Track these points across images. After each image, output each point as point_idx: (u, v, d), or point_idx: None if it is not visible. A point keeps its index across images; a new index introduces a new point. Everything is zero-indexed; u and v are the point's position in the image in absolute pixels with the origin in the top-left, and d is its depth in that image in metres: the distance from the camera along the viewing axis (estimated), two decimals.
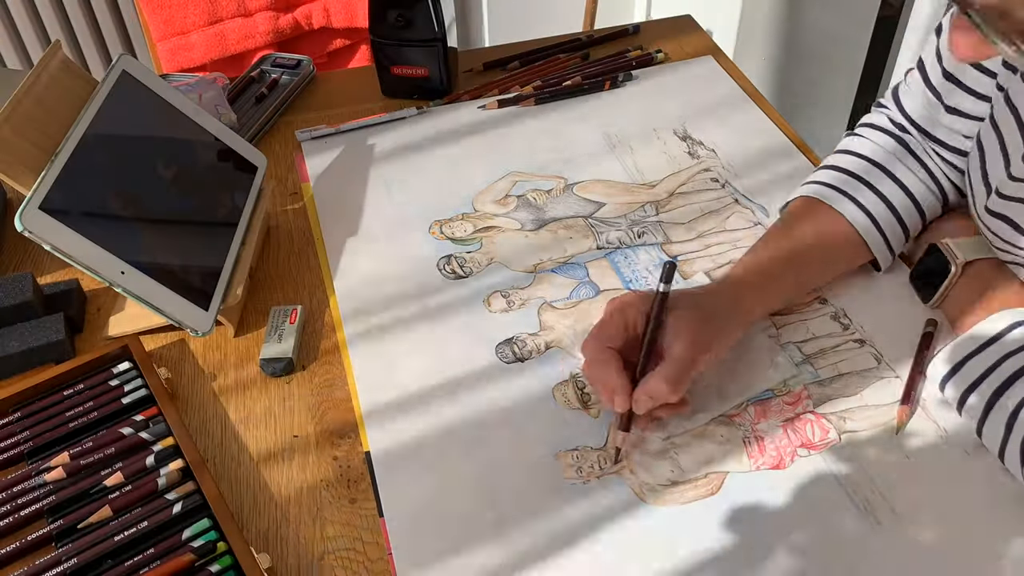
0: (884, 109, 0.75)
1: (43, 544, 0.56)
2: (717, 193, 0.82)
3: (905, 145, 0.72)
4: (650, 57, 1.01)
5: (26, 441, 0.61)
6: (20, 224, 0.57)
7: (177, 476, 0.59)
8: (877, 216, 0.69)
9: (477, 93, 0.97)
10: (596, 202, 0.82)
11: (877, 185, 0.70)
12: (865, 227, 0.69)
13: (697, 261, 0.75)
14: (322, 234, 0.80)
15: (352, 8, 1.40)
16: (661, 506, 0.57)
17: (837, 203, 0.70)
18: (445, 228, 0.80)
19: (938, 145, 0.71)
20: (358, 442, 0.62)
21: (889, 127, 0.74)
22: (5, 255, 0.79)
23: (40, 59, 0.65)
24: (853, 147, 0.73)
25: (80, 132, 0.63)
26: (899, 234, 0.70)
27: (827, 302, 0.71)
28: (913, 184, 0.70)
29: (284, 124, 0.94)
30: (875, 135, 0.73)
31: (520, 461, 0.60)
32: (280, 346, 0.68)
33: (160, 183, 0.69)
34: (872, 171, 0.71)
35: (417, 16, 0.90)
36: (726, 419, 0.62)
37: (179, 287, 0.65)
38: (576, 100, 0.96)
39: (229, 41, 1.38)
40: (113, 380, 0.65)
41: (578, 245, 0.77)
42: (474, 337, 0.69)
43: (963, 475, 0.58)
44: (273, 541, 0.57)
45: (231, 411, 0.65)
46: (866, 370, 0.65)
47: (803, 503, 0.57)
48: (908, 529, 0.55)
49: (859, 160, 0.72)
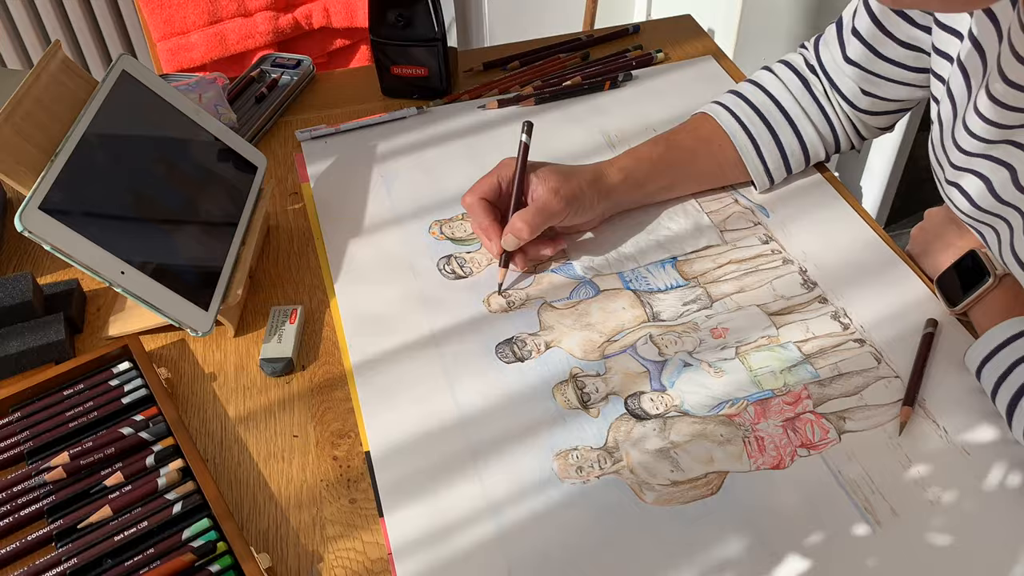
0: (803, 51, 0.82)
1: (43, 544, 0.56)
2: (717, 194, 0.82)
3: (808, 86, 0.80)
4: (650, 57, 1.01)
5: (26, 441, 0.61)
6: (20, 224, 0.57)
7: (177, 476, 0.59)
8: (755, 134, 0.79)
9: (477, 93, 0.97)
10: None
11: (764, 112, 0.79)
12: (738, 137, 0.79)
13: (697, 261, 0.75)
14: (322, 234, 0.80)
15: (352, 8, 1.40)
16: (661, 506, 0.57)
17: (721, 117, 0.79)
18: (445, 228, 0.80)
19: (838, 95, 0.78)
20: (358, 442, 0.62)
21: (801, 68, 0.81)
22: (5, 255, 0.79)
23: (40, 59, 0.65)
24: (761, 80, 0.82)
25: (80, 132, 0.63)
26: (775, 155, 0.79)
27: (827, 302, 0.71)
28: (799, 118, 0.79)
29: (284, 124, 0.94)
30: (785, 73, 0.81)
31: (520, 461, 0.60)
32: (280, 346, 0.68)
33: (160, 183, 0.69)
34: (767, 103, 0.80)
35: (417, 16, 0.90)
36: (726, 419, 0.62)
37: (179, 287, 0.65)
38: (576, 100, 0.96)
39: (229, 41, 1.38)
40: (113, 380, 0.65)
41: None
42: (474, 337, 0.69)
43: (963, 475, 0.58)
44: (273, 541, 0.57)
45: (231, 411, 0.65)
46: (866, 370, 0.65)
47: (803, 503, 0.57)
48: (908, 529, 0.55)
49: (759, 91, 0.81)
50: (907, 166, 1.60)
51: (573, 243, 0.77)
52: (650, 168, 0.77)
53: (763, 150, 0.79)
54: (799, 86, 0.80)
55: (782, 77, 0.81)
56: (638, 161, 0.77)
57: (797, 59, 0.81)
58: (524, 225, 0.70)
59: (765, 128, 0.79)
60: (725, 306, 0.71)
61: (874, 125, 0.80)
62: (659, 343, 0.68)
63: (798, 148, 0.80)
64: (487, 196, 0.73)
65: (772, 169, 0.80)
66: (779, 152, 0.79)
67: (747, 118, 0.79)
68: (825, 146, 0.81)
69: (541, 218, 0.71)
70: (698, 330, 0.69)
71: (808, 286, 0.72)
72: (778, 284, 0.72)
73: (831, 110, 0.80)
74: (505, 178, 0.73)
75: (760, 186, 0.80)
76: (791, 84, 0.80)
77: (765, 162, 0.79)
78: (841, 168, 1.80)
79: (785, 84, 0.80)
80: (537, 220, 0.70)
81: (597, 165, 0.76)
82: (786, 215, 0.79)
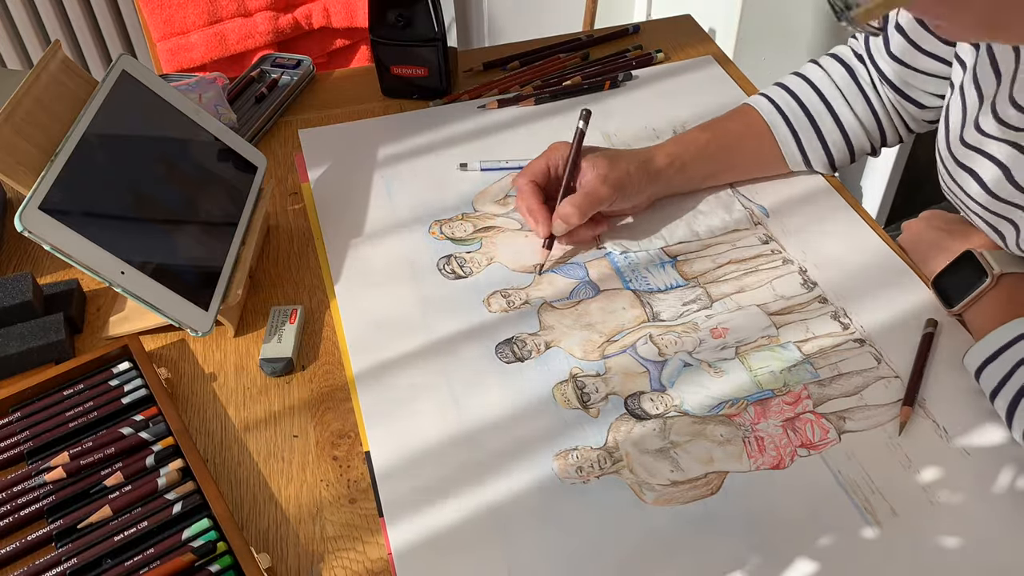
0: (853, 41, 0.82)
1: (43, 544, 0.56)
2: (717, 193, 0.82)
3: (854, 76, 0.80)
4: (650, 57, 1.01)
5: (26, 441, 0.61)
6: (20, 224, 0.57)
7: (177, 476, 0.59)
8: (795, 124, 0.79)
9: (477, 93, 0.97)
10: None
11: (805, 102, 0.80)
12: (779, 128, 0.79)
13: (697, 261, 0.75)
14: (322, 234, 0.80)
15: (352, 8, 1.40)
16: (661, 506, 0.57)
17: (762, 107, 0.80)
18: (445, 228, 0.80)
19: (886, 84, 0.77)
20: (358, 442, 0.62)
21: (848, 57, 0.80)
22: (5, 255, 0.79)
23: (40, 59, 0.65)
24: (806, 72, 0.82)
25: (80, 132, 0.63)
26: (816, 145, 0.79)
27: (827, 302, 0.71)
28: (841, 108, 0.79)
29: (284, 124, 0.94)
30: (831, 64, 0.81)
31: (520, 461, 0.60)
32: (280, 346, 0.68)
33: (160, 183, 0.69)
34: (809, 93, 0.80)
35: (417, 16, 0.90)
36: (726, 419, 0.62)
37: (179, 287, 0.65)
38: (576, 100, 0.95)
39: (229, 41, 1.37)
40: (113, 380, 0.65)
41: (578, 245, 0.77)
42: (474, 337, 0.69)
43: (963, 475, 0.58)
44: (273, 541, 0.57)
45: (231, 411, 0.65)
46: (866, 370, 0.65)
47: (803, 503, 0.57)
48: (908, 529, 0.55)
49: (802, 82, 0.81)
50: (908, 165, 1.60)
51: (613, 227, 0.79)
52: (696, 154, 0.78)
53: (803, 140, 0.79)
54: (844, 75, 0.80)
55: (827, 68, 0.81)
56: (684, 146, 0.78)
57: (845, 50, 0.81)
58: (574, 210, 0.72)
59: (806, 118, 0.79)
60: (725, 306, 0.71)
61: (922, 119, 0.78)
62: (659, 343, 0.68)
63: (840, 138, 0.80)
64: (537, 179, 0.76)
65: (813, 160, 0.80)
66: (819, 142, 0.79)
67: (788, 108, 0.79)
68: (870, 137, 0.80)
69: (589, 204, 0.72)
70: (698, 330, 0.69)
71: (808, 286, 0.72)
72: (778, 284, 0.72)
73: (877, 100, 0.79)
74: (554, 162, 0.76)
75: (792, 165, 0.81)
76: (835, 74, 0.80)
77: (805, 153, 0.80)
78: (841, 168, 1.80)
79: (830, 75, 0.80)
80: (586, 206, 0.72)
81: (646, 150, 0.78)
82: (786, 215, 0.79)
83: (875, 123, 0.80)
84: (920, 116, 0.78)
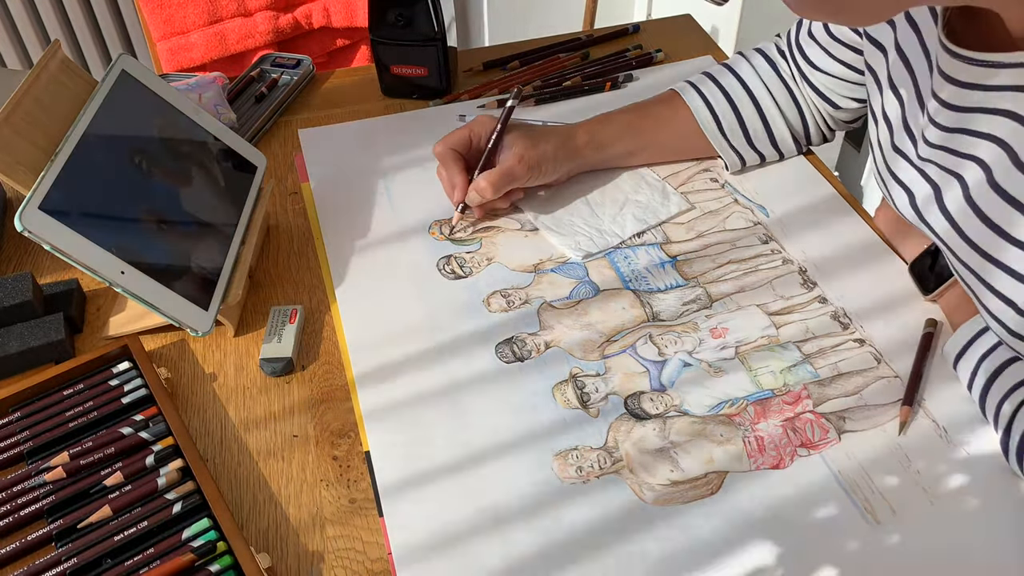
0: (777, 39, 0.85)
1: (43, 544, 0.56)
2: (716, 193, 0.82)
3: (777, 72, 0.83)
4: (650, 57, 1.01)
5: (26, 441, 0.61)
6: (20, 224, 0.57)
7: (177, 476, 0.59)
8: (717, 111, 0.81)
9: (477, 93, 0.97)
10: None
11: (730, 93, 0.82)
12: (702, 114, 0.81)
13: (697, 261, 0.75)
14: (322, 234, 0.80)
15: (352, 8, 1.40)
16: (661, 506, 0.57)
17: (687, 95, 0.82)
18: (445, 228, 0.80)
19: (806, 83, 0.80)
20: (358, 442, 0.62)
21: (772, 53, 0.83)
22: (5, 255, 0.79)
23: (40, 59, 0.65)
24: (732, 63, 0.84)
25: (80, 132, 0.63)
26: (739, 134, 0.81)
27: (827, 302, 0.71)
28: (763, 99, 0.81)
29: (284, 124, 0.94)
30: (755, 57, 0.84)
31: (520, 461, 0.60)
32: (280, 346, 0.68)
33: (160, 183, 0.69)
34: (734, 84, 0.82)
35: (417, 16, 0.90)
36: (726, 419, 0.62)
37: (179, 287, 0.65)
38: (576, 100, 0.95)
39: (229, 41, 1.38)
40: (113, 380, 0.65)
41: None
42: (474, 337, 0.69)
43: (963, 475, 0.58)
44: (273, 541, 0.57)
45: (231, 411, 0.65)
46: (866, 370, 0.65)
47: (803, 503, 0.57)
48: (908, 529, 0.55)
49: (727, 73, 0.83)
50: None
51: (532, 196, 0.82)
52: (616, 133, 0.81)
53: (726, 129, 0.81)
54: (768, 70, 0.83)
55: (752, 61, 0.84)
56: (605, 124, 0.81)
57: (770, 46, 0.84)
58: (488, 186, 0.75)
59: (729, 108, 0.81)
60: (725, 306, 0.71)
61: (840, 119, 0.82)
62: (659, 343, 0.68)
63: (762, 129, 0.82)
64: (457, 147, 0.78)
65: (739, 148, 0.82)
66: (742, 131, 0.81)
67: (712, 97, 0.81)
68: (793, 132, 0.82)
69: (504, 181, 0.76)
70: (698, 330, 0.69)
71: (808, 286, 0.72)
72: (778, 284, 0.72)
73: (800, 95, 0.82)
74: (477, 134, 0.78)
75: (731, 166, 0.83)
76: (760, 67, 0.83)
77: (729, 141, 0.82)
78: (841, 168, 1.80)
79: (754, 67, 0.83)
80: (500, 183, 0.75)
81: (569, 127, 0.81)
82: (786, 215, 0.79)
83: (799, 117, 0.82)
84: (838, 116, 0.81)
